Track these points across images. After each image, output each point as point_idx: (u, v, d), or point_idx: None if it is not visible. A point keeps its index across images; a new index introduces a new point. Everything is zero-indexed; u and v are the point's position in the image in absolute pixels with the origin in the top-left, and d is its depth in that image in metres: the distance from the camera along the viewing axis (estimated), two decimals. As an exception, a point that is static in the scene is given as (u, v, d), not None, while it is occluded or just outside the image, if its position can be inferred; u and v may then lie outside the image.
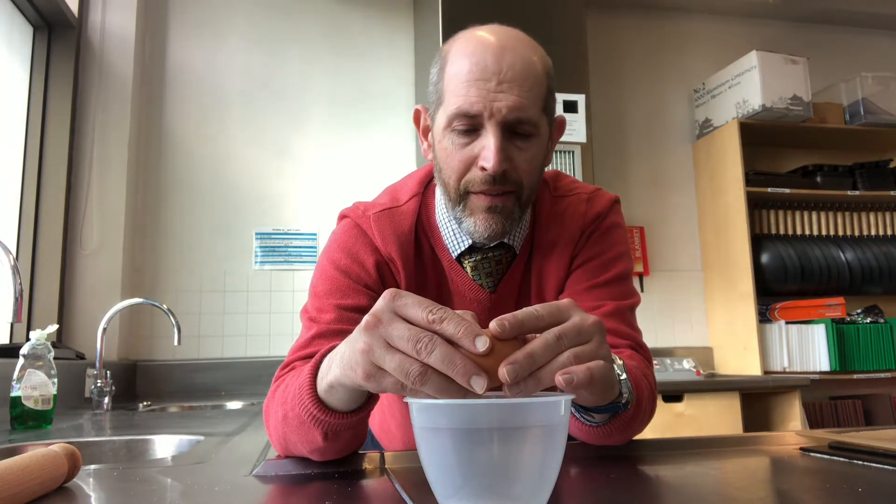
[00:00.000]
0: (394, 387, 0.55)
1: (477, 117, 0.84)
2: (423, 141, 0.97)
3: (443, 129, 0.88)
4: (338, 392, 0.65)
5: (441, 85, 0.88)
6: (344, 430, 0.69)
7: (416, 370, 0.51)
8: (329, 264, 0.95)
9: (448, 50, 0.89)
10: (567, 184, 1.02)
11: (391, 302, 0.54)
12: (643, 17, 3.49)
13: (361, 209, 0.99)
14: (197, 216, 2.81)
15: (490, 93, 0.82)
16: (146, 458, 1.20)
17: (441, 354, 0.50)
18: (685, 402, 2.59)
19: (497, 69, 0.83)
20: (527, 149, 0.87)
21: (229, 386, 2.67)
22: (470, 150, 0.86)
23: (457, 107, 0.84)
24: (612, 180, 3.27)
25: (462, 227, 0.91)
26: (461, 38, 0.89)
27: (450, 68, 0.87)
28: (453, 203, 0.90)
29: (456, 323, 0.51)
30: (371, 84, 3.05)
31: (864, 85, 3.25)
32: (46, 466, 0.62)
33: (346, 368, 0.59)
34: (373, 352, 0.54)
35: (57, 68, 2.51)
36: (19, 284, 1.23)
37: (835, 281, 3.12)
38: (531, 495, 0.49)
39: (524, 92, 0.83)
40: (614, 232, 0.98)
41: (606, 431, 0.77)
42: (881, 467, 0.69)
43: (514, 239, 0.96)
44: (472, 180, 0.87)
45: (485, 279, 0.96)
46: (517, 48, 0.85)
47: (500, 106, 0.83)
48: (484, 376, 0.50)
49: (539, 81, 0.86)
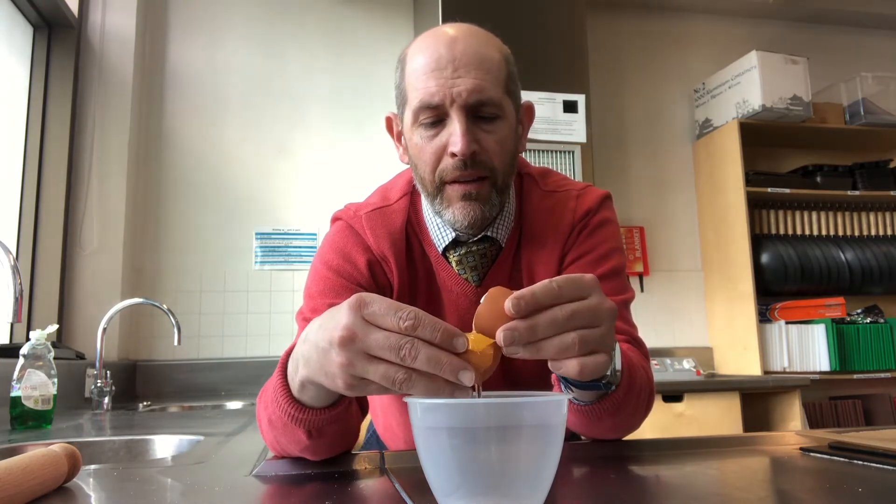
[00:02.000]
0: (378, 391, 0.55)
1: (440, 106, 0.86)
2: (399, 146, 0.99)
3: (411, 127, 0.90)
4: (310, 390, 0.65)
5: (403, 84, 0.91)
6: (326, 426, 0.69)
7: (402, 377, 0.52)
8: (322, 265, 0.96)
9: (406, 52, 0.93)
10: (557, 180, 1.03)
11: (359, 311, 0.54)
12: (643, 17, 3.49)
13: (353, 210, 1.00)
14: (197, 216, 2.81)
15: (448, 80, 0.85)
16: (146, 458, 1.20)
17: (425, 357, 0.51)
18: (685, 402, 2.59)
19: (451, 57, 0.85)
20: (494, 131, 0.88)
21: (229, 386, 2.67)
22: (439, 140, 0.87)
23: (419, 100, 0.86)
24: (612, 180, 3.27)
25: (443, 219, 0.92)
26: (417, 39, 0.92)
27: (408, 67, 0.90)
28: (431, 197, 0.91)
29: (431, 328, 0.51)
30: (371, 84, 3.05)
31: (864, 85, 3.24)
32: (46, 466, 0.62)
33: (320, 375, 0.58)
34: (354, 366, 0.54)
35: (57, 68, 2.51)
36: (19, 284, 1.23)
37: (835, 281, 3.12)
38: (529, 494, 0.49)
39: (481, 74, 0.85)
40: (606, 227, 0.99)
41: (596, 413, 0.76)
42: (881, 467, 0.69)
43: (497, 231, 0.96)
44: (445, 169, 0.88)
45: (470, 273, 0.97)
46: (468, 37, 0.88)
47: (459, 90, 0.85)
48: (471, 369, 0.51)
49: (496, 64, 0.88)
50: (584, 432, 0.84)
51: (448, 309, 0.98)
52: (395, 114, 0.98)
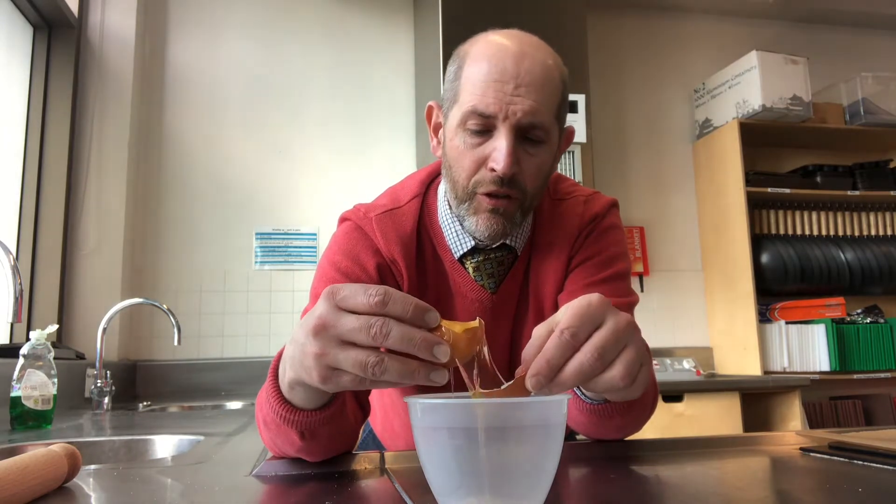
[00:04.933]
0: (352, 383, 0.55)
1: (491, 118, 0.84)
2: (433, 138, 0.97)
3: (455, 127, 0.88)
4: (299, 391, 0.64)
5: (458, 83, 0.89)
6: (319, 428, 0.69)
7: (373, 360, 0.52)
8: (329, 266, 0.95)
9: (467, 51, 0.90)
10: (566, 187, 1.03)
11: (330, 300, 0.54)
12: (643, 17, 3.49)
13: (363, 211, 0.98)
14: (197, 216, 2.81)
15: (507, 95, 0.83)
16: (146, 458, 1.20)
17: (398, 333, 0.51)
18: (685, 402, 2.59)
19: (516, 73, 0.83)
20: (536, 154, 0.87)
21: (229, 386, 2.67)
22: (481, 151, 0.86)
23: (472, 105, 0.85)
24: (612, 180, 3.27)
25: (464, 225, 0.92)
26: (481, 39, 0.89)
27: (468, 68, 0.87)
28: (459, 201, 0.90)
29: (402, 303, 0.52)
30: (371, 83, 3.05)
31: (864, 85, 3.24)
32: (46, 466, 0.62)
33: (300, 371, 0.58)
34: (327, 354, 0.54)
35: (57, 68, 2.51)
36: (19, 284, 1.23)
37: (835, 281, 3.12)
38: (529, 494, 0.49)
39: (540, 97, 0.84)
40: (612, 233, 0.99)
41: (607, 412, 0.77)
42: (881, 467, 0.69)
43: (515, 241, 0.96)
44: (481, 181, 0.87)
45: (486, 280, 0.96)
46: (536, 54, 0.85)
47: (515, 109, 0.83)
48: (446, 345, 0.51)
49: (555, 89, 0.86)
50: (591, 432, 0.84)
51: (460, 314, 0.97)
52: (438, 104, 0.97)
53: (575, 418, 0.81)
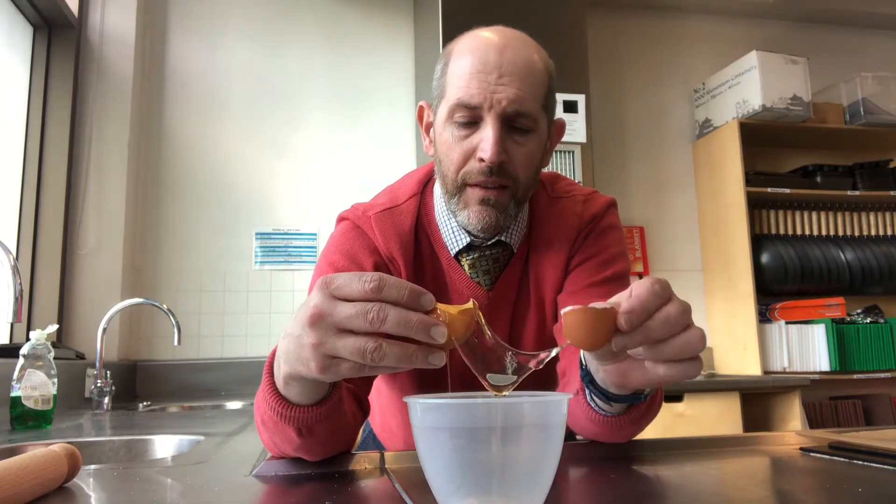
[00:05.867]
0: (351, 371, 0.55)
1: (477, 109, 0.85)
2: (426, 137, 0.98)
3: (444, 122, 0.90)
4: (294, 386, 0.64)
5: (444, 79, 0.91)
6: (316, 424, 0.69)
7: (372, 346, 0.52)
8: (327, 265, 0.95)
9: (452, 48, 0.92)
10: (564, 185, 1.03)
11: (325, 289, 0.54)
12: (643, 17, 3.49)
13: (361, 210, 0.99)
14: (197, 216, 2.81)
15: (491, 85, 0.84)
16: (146, 458, 1.20)
17: (395, 317, 0.51)
18: (685, 402, 2.59)
19: (498, 63, 0.85)
20: (525, 143, 0.88)
21: (229, 386, 2.67)
22: (469, 142, 0.87)
23: (457, 98, 0.86)
24: (612, 180, 3.27)
25: (458, 219, 0.92)
26: (465, 36, 0.91)
27: (453, 64, 0.89)
28: (450, 195, 0.91)
29: (397, 288, 0.52)
30: (371, 83, 3.05)
31: (864, 85, 3.24)
32: (46, 466, 0.62)
33: (297, 364, 0.58)
34: (324, 344, 0.54)
35: (57, 68, 2.51)
36: (19, 284, 1.23)
37: (835, 281, 3.12)
38: (529, 494, 0.49)
39: (524, 86, 0.85)
40: (611, 233, 0.99)
41: (619, 423, 0.77)
42: (881, 467, 0.69)
43: (511, 237, 0.97)
44: (470, 172, 0.88)
45: (482, 277, 0.97)
46: (519, 46, 0.87)
47: (499, 97, 0.84)
48: (442, 325, 0.52)
49: (539, 79, 0.88)
50: (599, 440, 0.84)
51: None
52: (428, 103, 0.98)
53: (586, 428, 0.81)
